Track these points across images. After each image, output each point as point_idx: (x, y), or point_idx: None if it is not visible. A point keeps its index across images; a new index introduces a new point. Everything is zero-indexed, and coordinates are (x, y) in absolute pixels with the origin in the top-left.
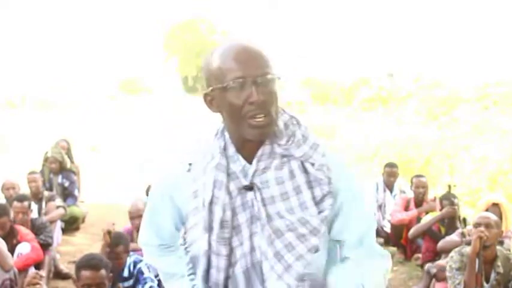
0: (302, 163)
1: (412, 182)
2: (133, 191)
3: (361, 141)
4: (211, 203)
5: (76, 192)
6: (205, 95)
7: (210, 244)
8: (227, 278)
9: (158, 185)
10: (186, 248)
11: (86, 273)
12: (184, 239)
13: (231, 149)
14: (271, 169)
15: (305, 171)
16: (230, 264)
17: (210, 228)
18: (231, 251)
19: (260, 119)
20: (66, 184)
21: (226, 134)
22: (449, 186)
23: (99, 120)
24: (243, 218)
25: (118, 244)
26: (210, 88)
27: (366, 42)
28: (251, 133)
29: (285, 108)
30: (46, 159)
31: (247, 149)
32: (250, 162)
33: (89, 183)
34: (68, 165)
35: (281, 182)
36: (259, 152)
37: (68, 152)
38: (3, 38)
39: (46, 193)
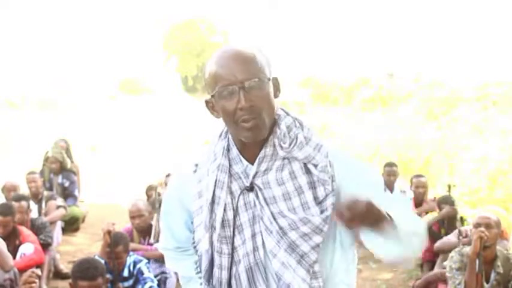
0: (305, 164)
1: (411, 182)
2: (133, 191)
3: (361, 141)
4: (212, 202)
5: (76, 192)
6: (207, 102)
7: (212, 243)
8: (230, 277)
9: (169, 188)
10: (195, 247)
11: (83, 284)
12: (193, 239)
13: (234, 151)
14: (273, 170)
15: (307, 172)
16: (233, 263)
17: (211, 228)
18: (234, 250)
19: (250, 123)
20: (66, 184)
21: (230, 136)
22: (449, 186)
23: (99, 120)
24: (245, 217)
25: (118, 244)
26: (210, 95)
27: (366, 42)
28: (244, 136)
29: (289, 111)
30: (46, 159)
31: (249, 150)
32: (252, 164)
33: (89, 183)
34: (69, 165)
35: (282, 183)
36: (261, 154)
37: (67, 152)
38: (3, 38)
39: (46, 193)
